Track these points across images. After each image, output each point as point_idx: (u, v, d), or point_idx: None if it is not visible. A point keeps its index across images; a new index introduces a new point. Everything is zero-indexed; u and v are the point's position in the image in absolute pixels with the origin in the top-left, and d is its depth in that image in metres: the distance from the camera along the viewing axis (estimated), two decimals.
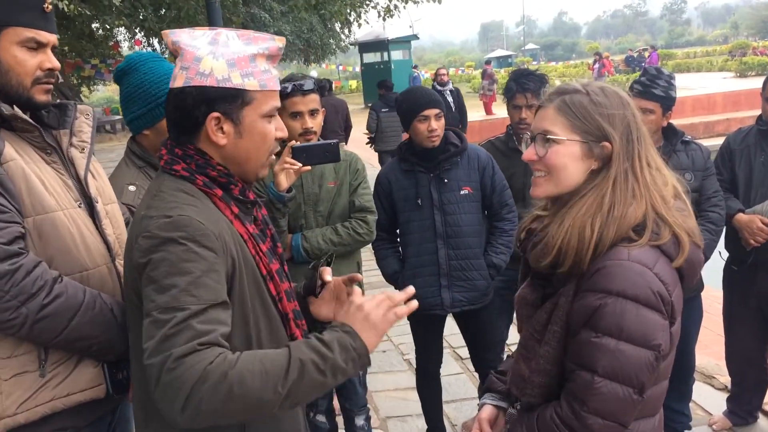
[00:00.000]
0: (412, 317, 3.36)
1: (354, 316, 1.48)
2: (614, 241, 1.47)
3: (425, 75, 29.03)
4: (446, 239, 3.14)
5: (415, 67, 31.14)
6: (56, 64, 1.83)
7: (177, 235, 1.38)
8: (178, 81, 1.49)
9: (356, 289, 1.64)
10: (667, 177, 1.58)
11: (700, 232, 3.10)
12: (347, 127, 10.15)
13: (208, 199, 1.52)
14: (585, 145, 1.53)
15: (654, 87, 3.00)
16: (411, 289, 1.53)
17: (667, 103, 3.05)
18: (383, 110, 10.29)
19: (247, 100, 1.50)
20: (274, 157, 1.64)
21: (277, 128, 1.57)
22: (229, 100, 1.48)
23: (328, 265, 1.81)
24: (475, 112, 18.74)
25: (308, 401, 1.52)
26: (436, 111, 3.04)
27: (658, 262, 1.47)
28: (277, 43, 1.55)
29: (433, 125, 3.04)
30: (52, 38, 1.82)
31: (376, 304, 1.49)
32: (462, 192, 3.12)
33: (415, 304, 1.52)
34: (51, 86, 1.84)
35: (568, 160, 1.54)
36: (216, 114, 1.48)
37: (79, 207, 1.85)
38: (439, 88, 10.81)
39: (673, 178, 1.59)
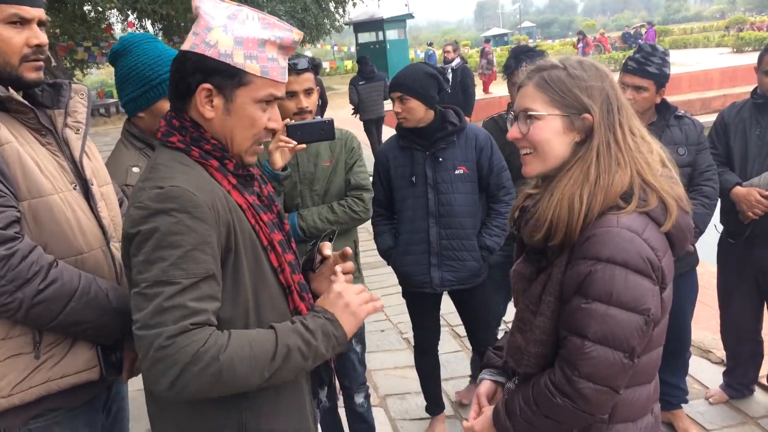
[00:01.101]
0: (408, 295, 3.39)
1: (335, 303, 1.55)
2: (603, 209, 1.50)
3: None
4: (438, 218, 3.14)
5: (431, 44, 31.01)
6: (43, 39, 1.79)
7: (168, 206, 1.38)
8: (186, 44, 1.50)
9: (339, 275, 1.66)
10: (652, 145, 1.60)
11: (695, 206, 3.12)
12: (323, 104, 10.56)
13: (204, 170, 1.51)
14: (566, 118, 1.55)
15: (648, 64, 2.98)
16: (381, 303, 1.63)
17: (661, 80, 3.03)
18: (360, 83, 11.24)
19: (244, 82, 1.49)
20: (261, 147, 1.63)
21: (270, 118, 1.56)
22: (226, 76, 1.47)
23: (330, 241, 1.81)
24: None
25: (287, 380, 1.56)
26: (398, 94, 3.04)
27: (647, 228, 1.49)
28: (294, 35, 1.54)
29: (397, 107, 3.07)
30: (37, 13, 1.78)
31: (356, 293, 1.58)
32: (456, 172, 3.10)
33: (381, 304, 1.62)
34: (41, 63, 1.80)
35: (551, 134, 1.56)
36: (208, 85, 1.48)
37: (75, 189, 1.83)
38: (444, 65, 10.83)
39: (657, 146, 1.61)
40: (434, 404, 3.61)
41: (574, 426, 1.58)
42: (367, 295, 1.59)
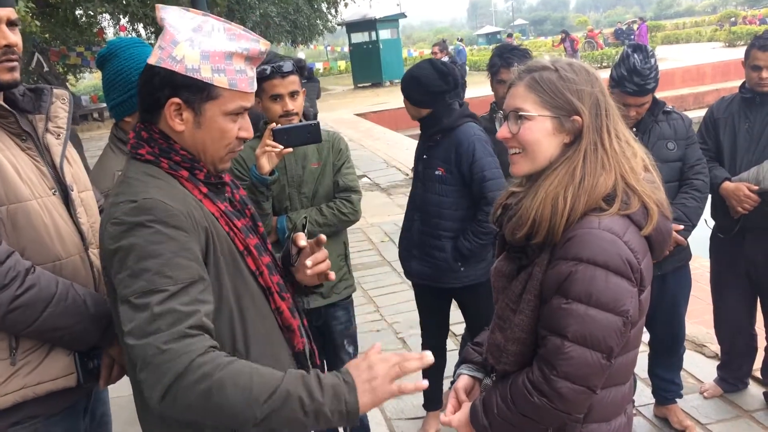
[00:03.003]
0: (417, 288, 3.49)
1: (361, 372, 1.40)
2: (585, 210, 1.51)
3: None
4: (421, 213, 3.22)
5: (461, 39, 31.12)
6: (12, 39, 1.76)
7: (144, 219, 1.39)
8: (153, 58, 1.49)
9: (377, 345, 1.48)
10: (636, 149, 1.61)
11: (686, 200, 3.12)
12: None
13: (175, 180, 1.52)
14: (556, 120, 1.56)
15: (648, 83, 2.93)
16: (429, 359, 1.43)
17: (656, 86, 3.00)
18: (302, 81, 11.98)
19: (213, 95, 1.50)
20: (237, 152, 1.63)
21: (241, 128, 1.56)
22: (194, 91, 1.48)
23: (303, 229, 1.81)
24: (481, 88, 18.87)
25: None
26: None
27: (628, 231, 1.51)
28: (261, 46, 1.54)
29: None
30: (4, 13, 1.75)
31: (386, 373, 1.40)
32: (436, 172, 3.14)
33: (424, 384, 1.45)
34: (13, 63, 1.78)
35: (540, 135, 1.57)
36: (177, 100, 1.49)
37: (54, 195, 1.82)
38: None
39: (641, 151, 1.63)
40: (430, 400, 3.62)
41: (549, 425, 1.60)
42: (395, 373, 1.40)
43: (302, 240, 1.77)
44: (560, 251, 1.51)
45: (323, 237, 1.74)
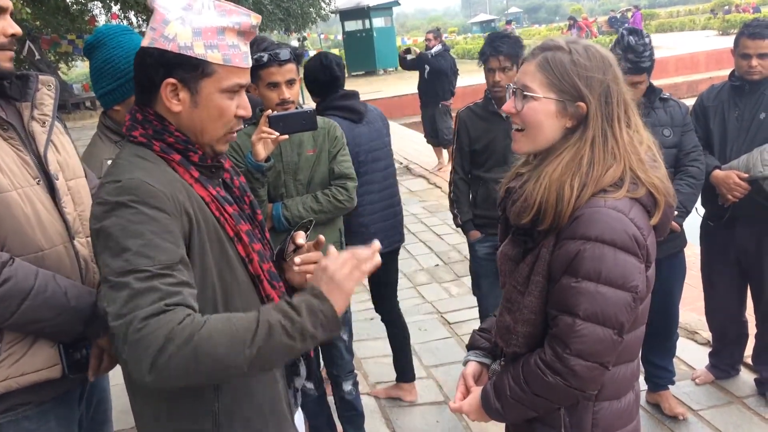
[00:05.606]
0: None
1: (319, 277, 1.44)
2: (592, 195, 1.52)
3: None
4: None
5: (509, 22, 31.11)
6: (18, 29, 1.77)
7: (126, 198, 1.37)
8: (146, 40, 1.48)
9: (330, 249, 1.51)
10: (643, 136, 1.61)
11: (681, 186, 3.15)
12: None
13: (165, 164, 1.50)
14: (560, 103, 1.56)
15: (642, 61, 2.97)
16: (377, 245, 1.48)
17: (652, 67, 3.04)
18: None
19: (208, 72, 1.48)
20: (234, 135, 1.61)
21: (239, 106, 1.54)
22: (188, 69, 1.46)
23: (306, 231, 1.81)
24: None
25: (280, 366, 1.57)
26: None
27: (633, 209, 1.52)
28: (252, 20, 1.52)
29: None
30: (8, 3, 1.76)
31: (341, 264, 1.44)
32: None
33: (378, 259, 1.48)
34: (13, 53, 1.78)
35: (543, 117, 1.57)
36: (172, 80, 1.47)
37: (38, 184, 1.79)
38: (425, 52, 10.86)
39: (648, 139, 1.63)
40: (400, 371, 3.75)
41: (562, 404, 1.61)
42: (352, 263, 1.44)
43: (301, 238, 1.76)
44: (567, 231, 1.52)
45: (322, 238, 1.73)
